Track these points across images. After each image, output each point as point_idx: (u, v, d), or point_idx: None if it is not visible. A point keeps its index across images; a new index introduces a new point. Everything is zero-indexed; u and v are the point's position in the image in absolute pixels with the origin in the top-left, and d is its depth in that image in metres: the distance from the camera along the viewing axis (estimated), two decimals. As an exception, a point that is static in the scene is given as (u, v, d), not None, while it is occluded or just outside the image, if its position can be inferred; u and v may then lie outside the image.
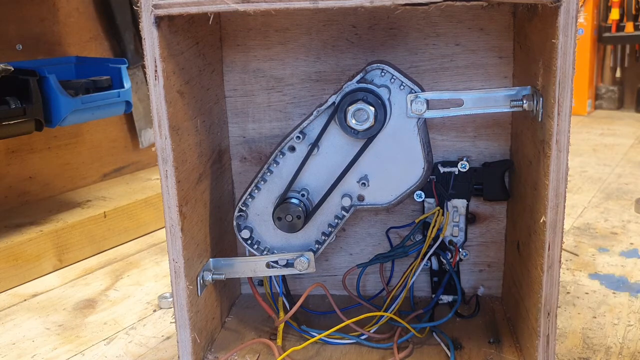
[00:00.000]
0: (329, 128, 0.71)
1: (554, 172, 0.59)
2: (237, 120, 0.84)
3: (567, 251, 1.12)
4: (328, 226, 0.74)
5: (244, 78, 0.83)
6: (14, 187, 1.24)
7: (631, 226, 1.25)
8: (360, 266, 0.82)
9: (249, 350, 0.75)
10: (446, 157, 0.82)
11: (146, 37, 0.60)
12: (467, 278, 0.87)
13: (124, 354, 0.83)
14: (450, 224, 0.80)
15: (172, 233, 0.66)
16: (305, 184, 0.73)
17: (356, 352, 0.75)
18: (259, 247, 0.75)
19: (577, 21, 0.56)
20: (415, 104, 0.69)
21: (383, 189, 0.72)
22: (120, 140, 1.47)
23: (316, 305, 0.85)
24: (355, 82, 0.69)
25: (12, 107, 0.99)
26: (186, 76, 0.68)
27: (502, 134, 0.81)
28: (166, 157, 0.64)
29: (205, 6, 0.59)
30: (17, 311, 0.97)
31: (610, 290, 0.96)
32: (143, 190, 1.35)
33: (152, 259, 1.17)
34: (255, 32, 0.81)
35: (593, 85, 2.73)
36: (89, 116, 1.13)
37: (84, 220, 1.17)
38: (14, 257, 1.05)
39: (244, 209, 0.74)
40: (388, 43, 0.80)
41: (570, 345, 0.80)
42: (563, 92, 0.57)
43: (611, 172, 1.69)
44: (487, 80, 0.80)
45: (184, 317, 0.68)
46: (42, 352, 0.84)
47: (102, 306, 0.97)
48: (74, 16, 1.33)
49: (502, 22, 0.78)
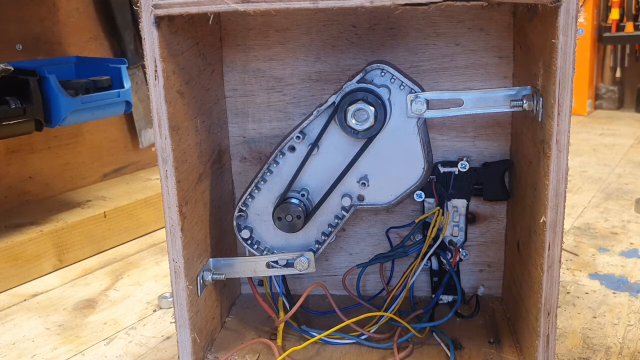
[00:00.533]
0: (329, 128, 0.71)
1: (554, 172, 0.59)
2: (237, 120, 0.84)
3: (567, 251, 1.12)
4: (328, 226, 0.74)
5: (244, 78, 0.83)
6: (14, 187, 1.24)
7: (631, 226, 1.25)
8: (360, 266, 0.82)
9: (249, 350, 0.75)
10: (446, 157, 0.82)
11: (146, 37, 0.60)
12: (467, 278, 0.87)
13: (124, 354, 0.83)
14: (450, 224, 0.80)
15: (172, 233, 0.66)
16: (305, 184, 0.73)
17: (356, 352, 0.75)
18: (259, 247, 0.75)
19: (577, 21, 0.56)
20: (415, 104, 0.69)
21: (383, 189, 0.72)
22: (120, 140, 1.47)
23: (316, 305, 0.85)
24: (355, 82, 0.69)
25: (12, 107, 0.99)
26: (186, 76, 0.68)
27: (502, 134, 0.81)
28: (166, 157, 0.64)
29: (205, 6, 0.59)
30: (17, 311, 0.97)
31: (610, 290, 0.96)
32: (143, 190, 1.35)
33: (152, 258, 1.17)
34: (255, 32, 0.81)
35: (593, 85, 2.73)
36: (89, 116, 1.13)
37: (84, 220, 1.17)
38: (13, 257, 1.05)
39: (244, 208, 0.74)
40: (388, 43, 0.80)
41: (570, 345, 0.80)
42: (563, 92, 0.57)
43: (611, 172, 1.69)
44: (487, 80, 0.80)
45: (183, 317, 0.68)
46: (42, 352, 0.84)
47: (102, 306, 0.97)
48: (74, 16, 1.33)
49: (502, 22, 0.78)
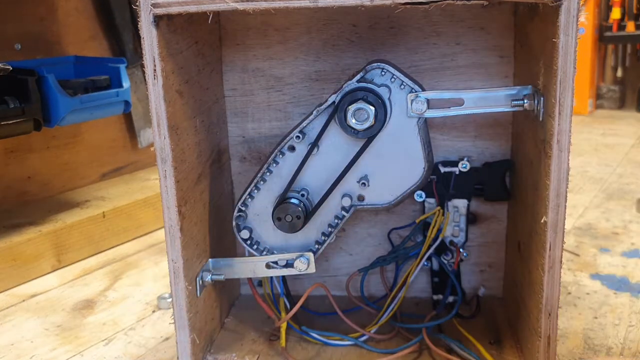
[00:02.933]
0: (329, 128, 0.70)
1: (555, 172, 0.59)
2: (236, 120, 0.84)
3: (568, 251, 1.11)
4: (328, 226, 0.74)
5: (243, 77, 0.83)
6: (13, 187, 1.23)
7: (632, 226, 1.25)
8: (362, 271, 0.81)
9: (249, 351, 0.75)
10: (447, 156, 0.82)
11: (145, 36, 0.60)
12: (467, 278, 0.86)
13: (122, 354, 0.82)
14: (450, 224, 0.80)
15: (171, 233, 0.66)
16: (305, 184, 0.73)
17: (356, 353, 0.74)
18: (259, 248, 0.75)
19: (578, 20, 0.56)
20: (415, 103, 0.69)
21: (383, 189, 0.72)
22: (119, 140, 1.46)
23: (316, 306, 0.84)
24: (356, 81, 0.69)
25: (10, 106, 0.99)
26: (185, 75, 0.67)
27: (502, 133, 0.81)
28: (165, 156, 0.63)
29: (205, 5, 0.58)
30: (15, 312, 0.96)
31: (611, 291, 0.96)
32: (142, 190, 1.34)
33: (151, 259, 1.16)
34: (255, 31, 0.81)
35: (594, 85, 2.73)
36: (88, 116, 1.12)
37: (82, 221, 1.17)
38: (12, 258, 1.05)
39: (244, 209, 0.74)
40: (388, 42, 0.79)
41: (572, 346, 0.80)
42: (564, 92, 0.57)
43: (612, 172, 1.69)
44: (488, 79, 0.79)
45: (183, 318, 0.68)
46: (41, 352, 0.84)
47: (101, 307, 0.97)
48: (73, 15, 1.33)
49: (503, 21, 0.77)
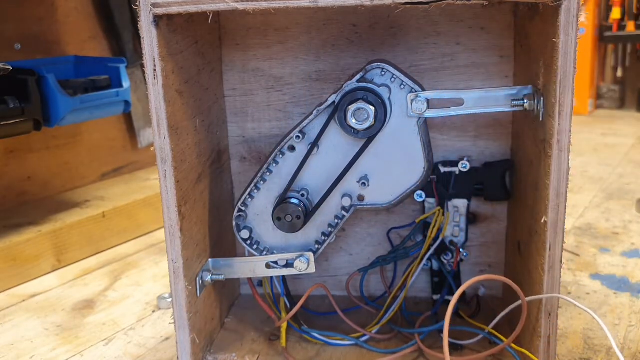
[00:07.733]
0: (329, 127, 0.70)
1: (555, 172, 0.59)
2: (236, 120, 0.84)
3: (568, 251, 1.11)
4: (328, 226, 0.74)
5: (243, 77, 0.82)
6: (13, 187, 1.23)
7: (632, 226, 1.25)
8: (362, 270, 0.81)
9: (249, 351, 0.75)
10: (447, 156, 0.82)
11: (145, 36, 0.60)
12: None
13: (122, 354, 0.82)
14: (450, 224, 0.80)
15: (171, 233, 0.66)
16: (305, 184, 0.73)
17: (356, 353, 0.74)
18: (259, 248, 0.75)
19: (578, 20, 0.56)
20: (415, 103, 0.69)
21: (383, 189, 0.72)
22: (119, 140, 1.46)
23: (316, 306, 0.84)
24: (355, 81, 0.69)
25: (10, 106, 0.99)
26: (185, 75, 0.67)
27: (503, 133, 0.81)
28: (165, 156, 0.63)
29: (205, 5, 0.58)
30: (15, 312, 0.96)
31: (611, 291, 0.96)
32: (142, 190, 1.34)
33: (151, 259, 1.16)
34: (255, 31, 0.81)
35: (594, 85, 2.73)
36: (88, 116, 1.12)
37: (82, 221, 1.17)
38: (12, 258, 1.05)
39: (244, 209, 0.74)
40: (388, 42, 0.79)
41: (572, 346, 0.80)
42: (564, 92, 0.57)
43: (612, 172, 1.69)
44: (488, 79, 0.79)
45: (183, 318, 0.68)
46: (41, 352, 0.84)
47: (100, 307, 0.97)
48: (73, 15, 1.33)
49: (503, 21, 0.77)
